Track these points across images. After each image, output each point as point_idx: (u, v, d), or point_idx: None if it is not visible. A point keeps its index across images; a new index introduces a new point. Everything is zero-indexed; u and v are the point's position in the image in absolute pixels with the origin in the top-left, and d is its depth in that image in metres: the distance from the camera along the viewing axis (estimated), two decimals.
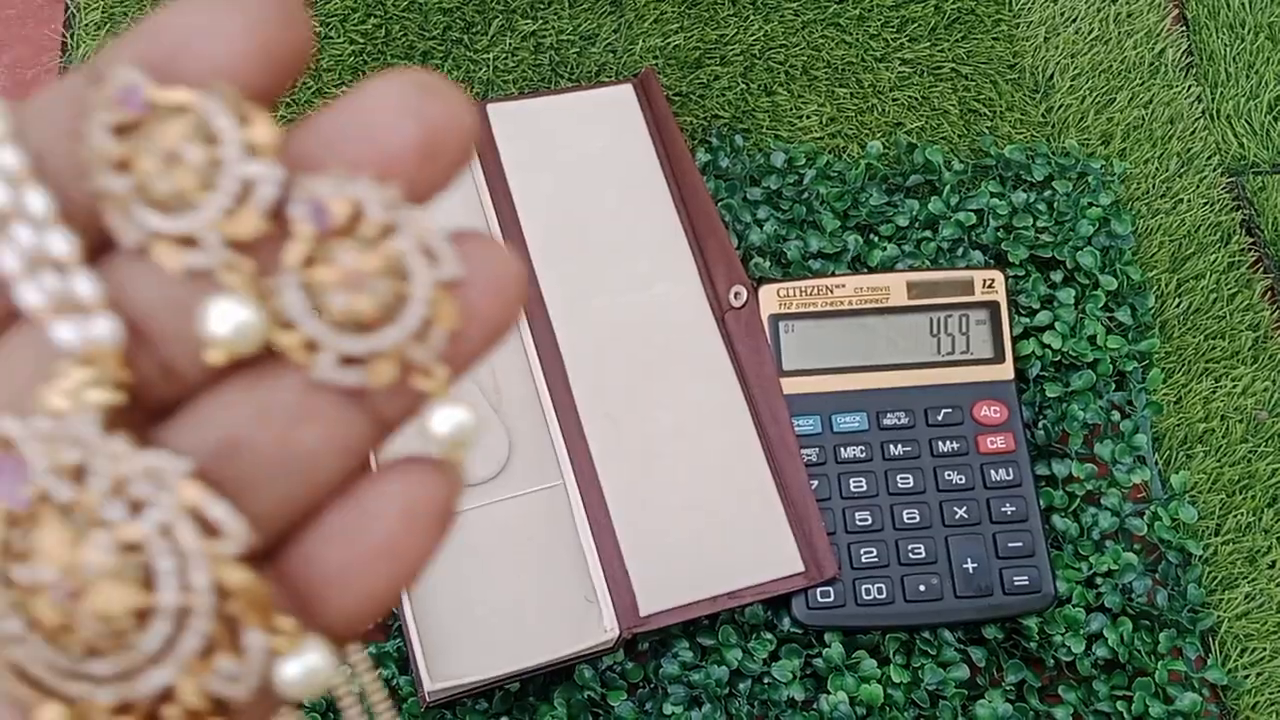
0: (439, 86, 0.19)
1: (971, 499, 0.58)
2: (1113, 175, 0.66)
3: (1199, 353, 0.63)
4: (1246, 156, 0.68)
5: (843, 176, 0.65)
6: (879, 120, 0.68)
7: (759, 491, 0.58)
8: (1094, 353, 0.61)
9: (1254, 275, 0.65)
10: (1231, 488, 0.60)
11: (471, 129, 0.19)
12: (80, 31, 0.67)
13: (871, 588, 0.56)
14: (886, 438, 0.59)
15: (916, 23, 0.70)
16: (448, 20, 0.69)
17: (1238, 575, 0.59)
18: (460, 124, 0.19)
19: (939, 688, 0.55)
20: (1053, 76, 0.69)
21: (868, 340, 0.60)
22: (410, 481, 0.20)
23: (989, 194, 0.65)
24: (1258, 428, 0.62)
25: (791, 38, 0.70)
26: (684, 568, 0.55)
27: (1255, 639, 0.57)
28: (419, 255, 0.19)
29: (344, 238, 0.19)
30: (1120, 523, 0.58)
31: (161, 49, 0.19)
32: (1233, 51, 0.71)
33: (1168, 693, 0.55)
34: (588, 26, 0.69)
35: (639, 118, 0.64)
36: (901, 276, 0.60)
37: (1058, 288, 0.63)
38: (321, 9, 0.69)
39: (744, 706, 0.55)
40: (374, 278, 0.19)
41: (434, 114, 0.19)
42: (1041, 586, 0.56)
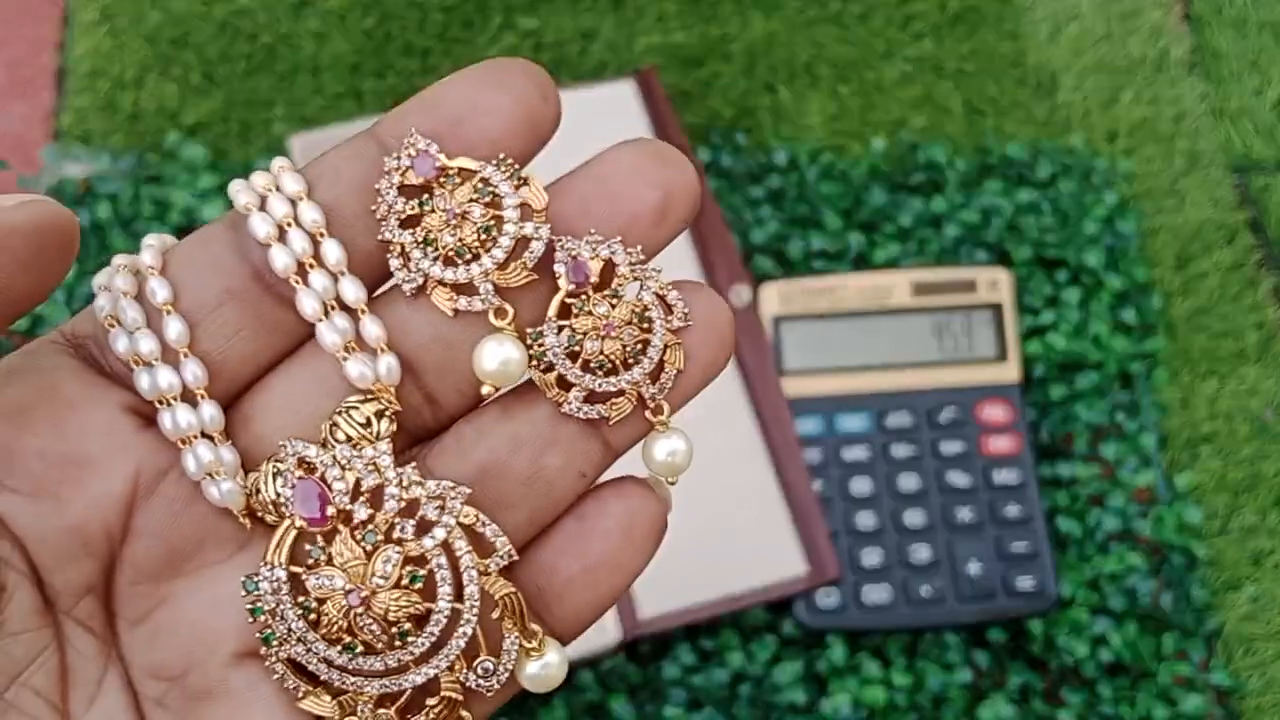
0: (672, 155, 0.22)
1: (975, 501, 0.57)
2: (1118, 174, 0.66)
3: (1205, 353, 0.63)
4: (1252, 155, 0.68)
5: (846, 175, 0.65)
6: (882, 118, 0.67)
7: (761, 493, 0.57)
8: (1099, 353, 0.61)
9: (1260, 274, 0.65)
10: (1237, 489, 0.60)
11: (697, 193, 0.22)
12: (77, 31, 0.67)
13: (874, 590, 0.56)
14: (889, 439, 0.58)
15: (920, 20, 0.70)
16: (447, 18, 0.68)
17: (1242, 577, 0.58)
18: (690, 190, 0.22)
19: (942, 691, 0.55)
20: (1057, 74, 0.69)
21: (871, 340, 0.60)
22: (629, 501, 0.23)
23: (993, 193, 0.64)
24: (1264, 428, 0.61)
25: (794, 35, 0.69)
26: (685, 570, 0.55)
27: (1260, 641, 0.57)
28: (657, 306, 0.22)
29: (597, 290, 0.22)
30: (1125, 524, 0.58)
31: (441, 120, 0.22)
32: (1238, 49, 0.70)
33: (1172, 695, 0.55)
34: (588, 24, 0.69)
35: (640, 116, 0.64)
36: (905, 276, 0.60)
37: (1062, 287, 0.62)
38: (320, 7, 0.68)
39: (745, 710, 0.54)
40: (623, 327, 0.22)
41: (669, 181, 0.22)
42: (1045, 589, 0.56)
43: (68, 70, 0.66)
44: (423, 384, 0.22)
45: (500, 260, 0.21)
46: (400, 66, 0.67)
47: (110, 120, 0.65)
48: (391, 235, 0.21)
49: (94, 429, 0.21)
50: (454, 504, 0.21)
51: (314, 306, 0.21)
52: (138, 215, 0.61)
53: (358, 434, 0.21)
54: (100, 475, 0.21)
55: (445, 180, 0.21)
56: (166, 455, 0.22)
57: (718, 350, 0.23)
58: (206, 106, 0.65)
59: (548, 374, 0.22)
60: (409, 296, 0.22)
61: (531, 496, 0.22)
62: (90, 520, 0.21)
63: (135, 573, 0.22)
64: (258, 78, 0.66)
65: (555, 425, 0.22)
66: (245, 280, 0.22)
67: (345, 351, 0.21)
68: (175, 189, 0.61)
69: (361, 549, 0.21)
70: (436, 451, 0.22)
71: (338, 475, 0.21)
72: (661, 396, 0.22)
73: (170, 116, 0.65)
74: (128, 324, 0.21)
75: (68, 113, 0.65)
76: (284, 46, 0.67)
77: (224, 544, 0.22)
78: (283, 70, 0.66)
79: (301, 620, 0.21)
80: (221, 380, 0.22)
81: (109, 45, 0.66)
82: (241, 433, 0.22)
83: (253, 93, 0.66)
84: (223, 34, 0.67)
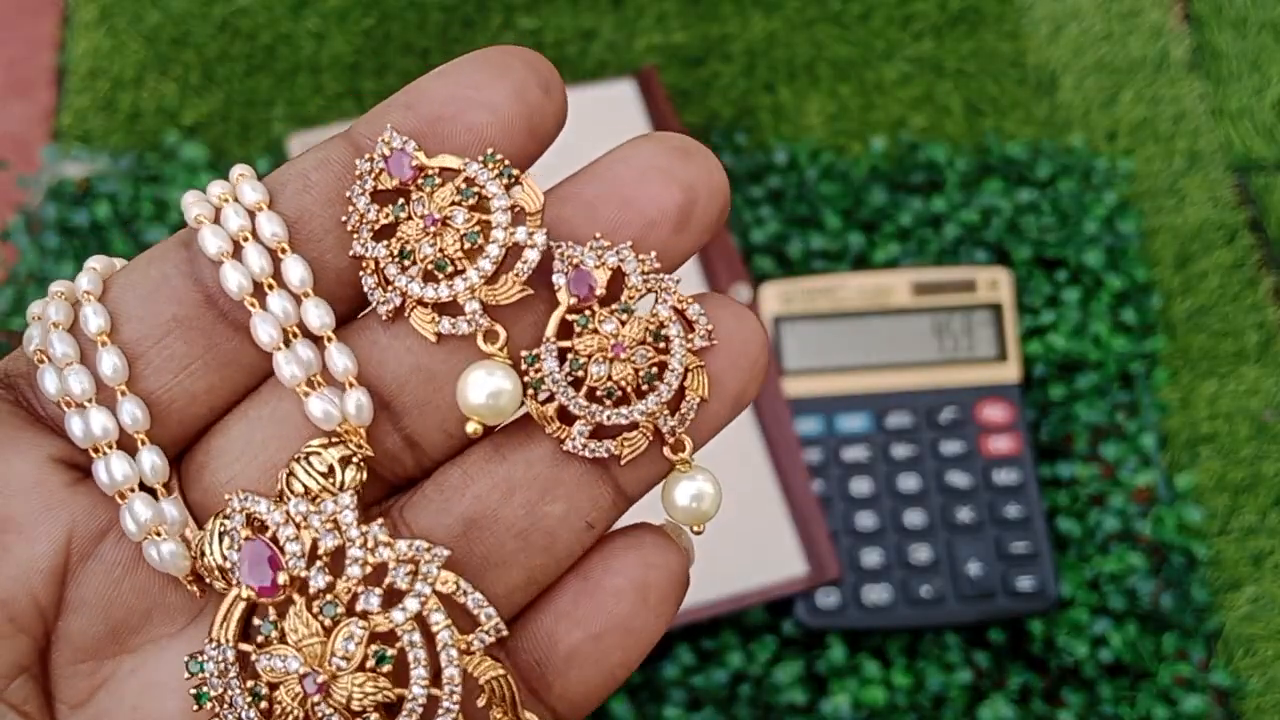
0: (696, 150, 0.18)
1: (975, 501, 0.57)
2: (1118, 174, 0.66)
3: (1205, 353, 0.63)
4: (1252, 154, 0.68)
5: (845, 175, 0.65)
6: (882, 118, 0.67)
7: (761, 493, 0.57)
8: (1099, 353, 0.61)
9: (1260, 274, 0.65)
10: (1237, 489, 0.60)
11: (727, 193, 0.19)
12: (77, 30, 0.67)
13: (874, 590, 0.56)
14: (889, 439, 0.58)
15: (920, 20, 0.70)
16: (447, 18, 0.68)
17: (1243, 577, 0.58)
18: (718, 189, 0.19)
19: (942, 691, 0.55)
20: (1057, 74, 0.69)
21: (871, 340, 0.60)
22: (644, 553, 0.19)
23: (993, 193, 0.64)
24: (1264, 428, 0.61)
25: (794, 35, 0.69)
26: None
27: (1260, 641, 0.57)
28: (676, 322, 0.18)
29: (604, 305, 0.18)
30: (1125, 525, 0.58)
31: (425, 117, 0.18)
32: (1238, 49, 0.70)
33: (1172, 696, 0.55)
34: (588, 24, 0.69)
35: (640, 115, 0.64)
36: (905, 276, 0.60)
37: (1062, 287, 0.62)
38: (320, 7, 0.68)
39: (745, 710, 0.54)
40: (635, 347, 0.18)
41: (692, 179, 0.18)
42: (1045, 589, 0.56)
43: (67, 70, 0.66)
44: (401, 424, 0.19)
45: (488, 273, 0.18)
46: (400, 66, 0.67)
47: (110, 120, 0.65)
48: (364, 249, 0.18)
49: (17, 485, 0.18)
50: (429, 568, 0.18)
51: (271, 334, 0.18)
52: (137, 215, 0.61)
53: (317, 485, 0.18)
54: (25, 540, 0.18)
55: (424, 182, 0.18)
56: (105, 513, 0.19)
57: (748, 375, 0.19)
58: (206, 106, 0.65)
59: (547, 405, 0.18)
60: (385, 321, 0.19)
61: (528, 552, 0.19)
62: (15, 592, 0.18)
63: (74, 650, 0.19)
64: (257, 77, 0.66)
65: (556, 466, 0.19)
66: (196, 306, 0.19)
67: (308, 386, 0.18)
68: (175, 189, 0.61)
69: (319, 624, 0.18)
70: (415, 501, 0.19)
71: (291, 535, 0.18)
72: (683, 430, 0.19)
73: (170, 116, 0.65)
74: (57, 359, 0.18)
75: (67, 112, 0.65)
76: (283, 46, 0.67)
77: (174, 614, 0.19)
78: (282, 70, 0.66)
79: (253, 709, 0.18)
80: (169, 424, 0.19)
81: (108, 45, 0.66)
82: (193, 485, 0.19)
83: (252, 92, 0.66)
84: (222, 33, 0.67)
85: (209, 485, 0.19)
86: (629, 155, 0.19)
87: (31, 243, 0.60)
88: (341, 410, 0.18)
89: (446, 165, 0.18)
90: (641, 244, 0.18)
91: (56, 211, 0.61)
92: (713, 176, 0.18)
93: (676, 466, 0.19)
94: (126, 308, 0.19)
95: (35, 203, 0.62)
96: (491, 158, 0.18)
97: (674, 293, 0.19)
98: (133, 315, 0.19)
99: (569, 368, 0.18)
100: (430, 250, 0.18)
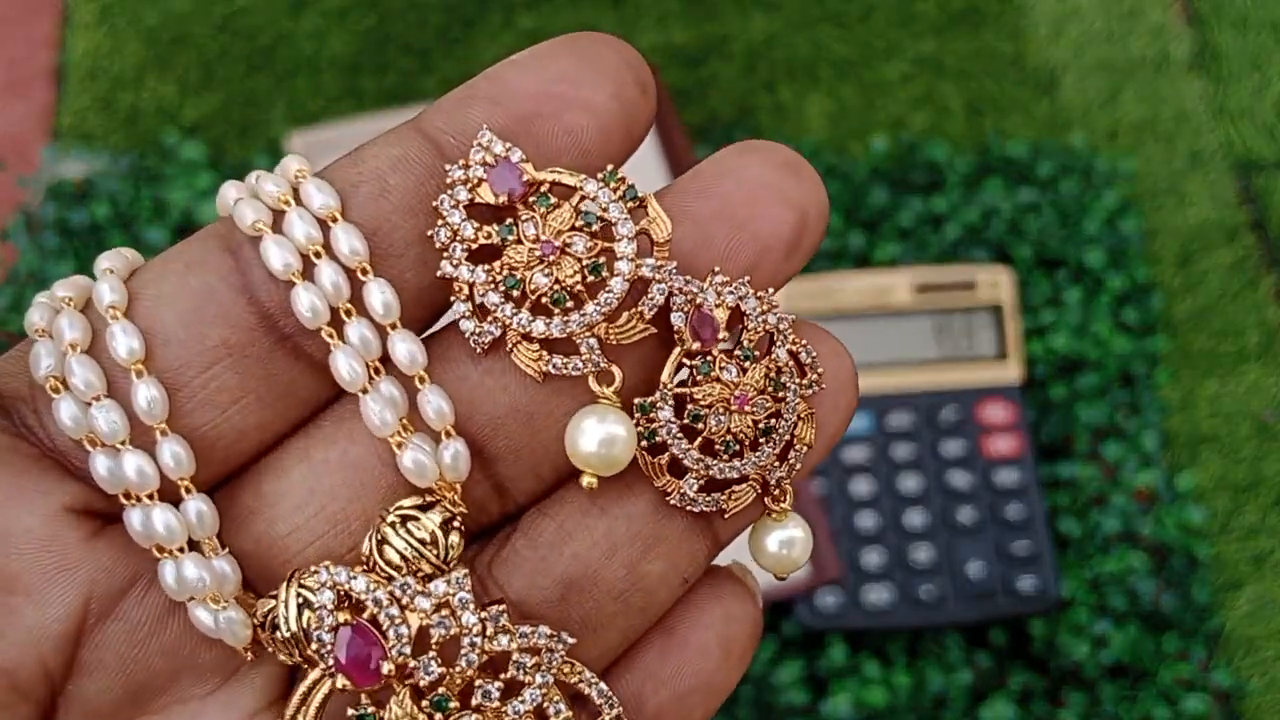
0: (804, 167, 0.17)
1: (976, 502, 0.57)
2: (1118, 173, 0.66)
3: (1206, 352, 0.63)
4: (1253, 154, 0.68)
5: (846, 175, 0.64)
6: (883, 117, 0.67)
7: None
8: (1100, 353, 0.61)
9: (1261, 273, 0.64)
10: (1238, 489, 0.60)
11: (829, 214, 0.17)
12: (76, 30, 0.67)
13: (875, 591, 0.56)
14: (890, 439, 0.58)
15: (921, 20, 0.70)
16: (447, 18, 0.68)
17: (1243, 577, 0.58)
18: (825, 210, 0.17)
19: (943, 691, 0.55)
20: (1058, 74, 0.69)
21: (871, 340, 0.59)
22: (727, 605, 0.18)
23: (994, 192, 0.64)
24: (1265, 428, 0.61)
25: (795, 34, 0.69)
26: None
27: (1261, 641, 0.57)
28: (790, 369, 0.17)
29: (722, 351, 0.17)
30: (1126, 525, 0.58)
31: (514, 115, 0.16)
32: (1239, 48, 0.70)
33: (1173, 696, 0.55)
34: (589, 23, 0.69)
35: None
36: (905, 276, 0.60)
37: (1063, 287, 0.62)
38: (320, 6, 0.68)
39: (746, 711, 0.54)
40: (756, 397, 0.17)
41: (804, 200, 0.17)
42: (1046, 589, 0.55)
43: (66, 69, 0.66)
44: (493, 471, 0.17)
45: (611, 309, 0.16)
46: (399, 65, 0.66)
47: (109, 119, 0.65)
48: (457, 272, 0.16)
49: (27, 542, 0.16)
50: (553, 659, 0.16)
51: (356, 370, 0.16)
52: (137, 215, 0.61)
53: (415, 555, 0.16)
54: (35, 603, 0.16)
55: (536, 201, 0.16)
56: (129, 567, 0.16)
57: (845, 417, 0.18)
58: (205, 105, 0.65)
59: (657, 457, 0.17)
60: (478, 355, 0.16)
61: (626, 614, 0.17)
62: (23, 659, 0.16)
63: (84, 715, 0.16)
64: (257, 77, 0.66)
65: (659, 522, 0.17)
66: (250, 329, 0.16)
67: (399, 436, 0.16)
68: (174, 189, 0.61)
69: (426, 716, 0.16)
70: (506, 558, 0.17)
71: (396, 618, 0.16)
72: (789, 481, 0.18)
73: (169, 116, 0.65)
74: (79, 390, 0.15)
75: (66, 112, 0.65)
76: (283, 46, 0.67)
77: (205, 675, 0.17)
78: (282, 69, 0.66)
79: None
80: (210, 464, 0.16)
81: (108, 44, 0.66)
82: (239, 533, 0.17)
83: (252, 92, 0.66)
84: (222, 33, 0.67)
85: (261, 536, 0.17)
86: (736, 170, 0.17)
87: (31, 242, 0.60)
88: (437, 463, 0.16)
89: (561, 181, 0.16)
90: (755, 271, 0.17)
91: (56, 211, 0.61)
92: (821, 195, 0.17)
93: (772, 515, 0.18)
94: (164, 327, 0.16)
95: (35, 202, 0.62)
96: (613, 175, 0.16)
97: (790, 335, 0.17)
98: (172, 337, 0.16)
99: (687, 418, 0.17)
100: (544, 280, 0.16)
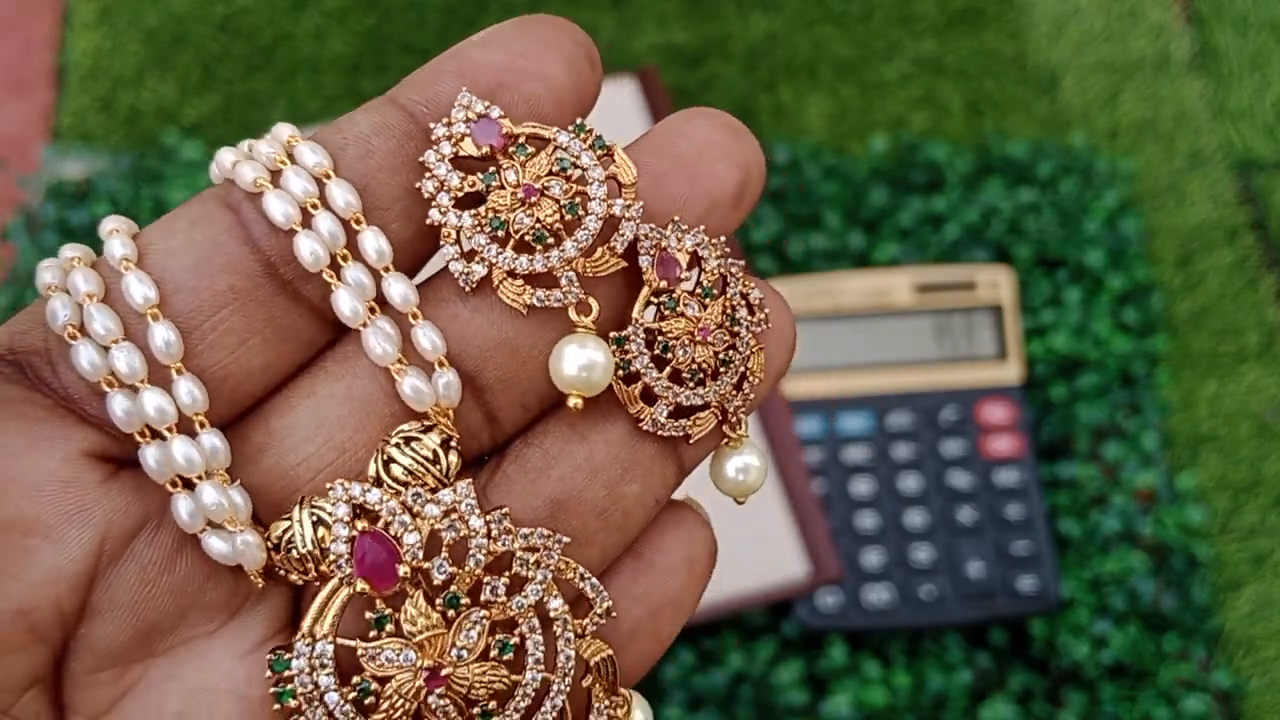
0: (744, 129, 0.19)
1: (976, 502, 0.57)
2: (1119, 173, 0.66)
3: (1206, 352, 0.63)
4: (1253, 154, 0.68)
5: (846, 175, 0.64)
6: (882, 118, 0.67)
7: (761, 494, 0.57)
8: (1100, 353, 0.61)
9: (1261, 273, 0.64)
10: (1238, 489, 0.60)
11: (765, 170, 0.20)
12: (76, 30, 0.67)
13: (875, 591, 0.56)
14: (890, 440, 0.58)
15: (921, 19, 0.70)
16: (447, 18, 0.68)
17: (1244, 577, 0.58)
18: (763, 168, 0.19)
19: (943, 692, 0.55)
20: (1058, 74, 0.69)
21: (871, 340, 0.59)
22: (688, 530, 0.20)
23: (994, 192, 0.64)
24: (1265, 428, 0.61)
25: (795, 34, 0.69)
26: None
27: (1261, 641, 0.57)
28: (742, 306, 0.19)
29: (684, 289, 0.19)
30: (1126, 525, 0.58)
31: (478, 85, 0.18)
32: (1239, 48, 0.70)
33: (1173, 696, 0.55)
34: (589, 23, 0.69)
35: (641, 114, 0.64)
36: (905, 276, 0.60)
37: (1063, 287, 0.62)
38: (320, 6, 0.68)
39: (746, 711, 0.54)
40: (716, 331, 0.19)
41: (746, 158, 0.19)
42: (1047, 590, 0.55)
43: (66, 69, 0.66)
44: (484, 400, 0.18)
45: (587, 245, 0.18)
46: (400, 66, 0.66)
47: (109, 119, 0.65)
48: (445, 219, 0.18)
49: (45, 486, 0.17)
50: (551, 555, 0.18)
51: (355, 308, 0.18)
52: (137, 215, 0.61)
53: (420, 469, 0.18)
54: (54, 544, 0.17)
55: (515, 150, 0.18)
56: (140, 508, 0.17)
57: (786, 355, 0.20)
58: (205, 105, 0.65)
59: (630, 385, 0.19)
60: (466, 293, 0.18)
61: (607, 531, 0.19)
62: (39, 601, 0.16)
63: (95, 657, 0.17)
64: (257, 77, 0.66)
65: (633, 446, 0.19)
66: (254, 275, 0.18)
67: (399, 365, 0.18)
68: (174, 188, 0.61)
69: (440, 614, 0.17)
70: (498, 482, 0.19)
71: (408, 525, 0.17)
72: (744, 408, 0.20)
73: (169, 116, 0.65)
74: (98, 335, 0.17)
75: (66, 112, 0.65)
76: (283, 46, 0.67)
77: (212, 612, 0.18)
78: (282, 69, 0.66)
79: (350, 705, 0.17)
80: (219, 404, 0.18)
81: (107, 44, 0.66)
82: (249, 468, 0.18)
83: (251, 92, 0.66)
84: (221, 33, 0.67)
85: (271, 469, 0.18)
86: (687, 130, 0.19)
87: (31, 242, 0.60)
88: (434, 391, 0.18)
89: (536, 133, 0.18)
90: (705, 220, 0.19)
91: (56, 211, 0.61)
92: (759, 155, 0.19)
93: (730, 443, 0.20)
94: (174, 277, 0.17)
95: (34, 202, 0.62)
96: (582, 128, 0.18)
97: (741, 278, 0.19)
98: (183, 286, 0.17)
99: (657, 349, 0.19)
100: (527, 221, 0.18)
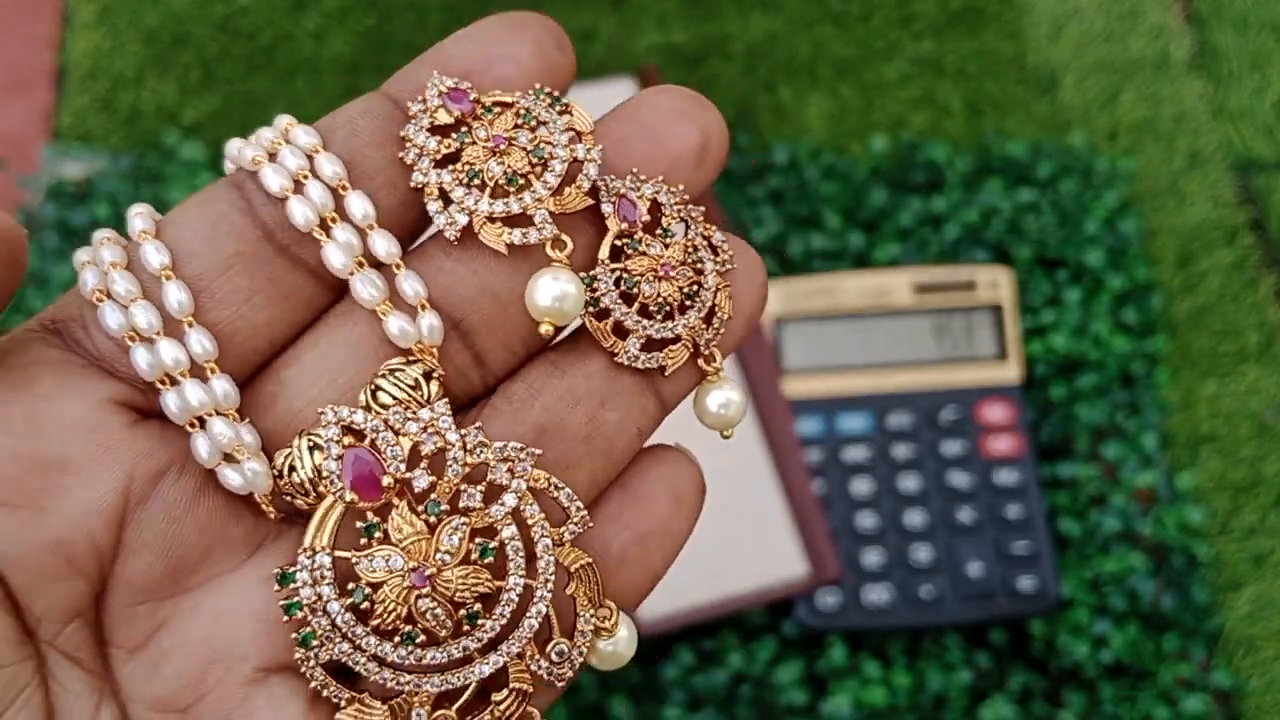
0: (704, 99, 0.21)
1: (976, 501, 0.57)
2: (1118, 173, 0.66)
3: (1206, 352, 0.63)
4: (1253, 154, 0.68)
5: (846, 175, 0.64)
6: (882, 118, 0.67)
7: (761, 494, 0.57)
8: (1100, 353, 0.61)
9: (1261, 274, 0.64)
10: (1238, 489, 0.60)
11: (727, 136, 0.21)
12: (76, 30, 0.67)
13: (875, 591, 0.56)
14: (890, 439, 0.58)
15: (920, 20, 0.70)
16: (447, 18, 0.68)
17: (1244, 577, 0.58)
18: (724, 132, 0.21)
19: (943, 692, 0.55)
20: (1058, 74, 0.69)
21: (871, 340, 0.59)
22: (672, 465, 0.22)
23: (993, 192, 0.64)
24: (1265, 428, 0.61)
25: (794, 35, 0.69)
26: (685, 571, 0.55)
27: (1261, 641, 0.57)
28: (705, 248, 0.21)
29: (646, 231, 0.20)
30: (1126, 525, 0.58)
31: (455, 72, 0.20)
32: (1239, 48, 0.70)
33: (1173, 696, 0.55)
34: (589, 23, 0.69)
35: None
36: (905, 276, 0.60)
37: (1063, 287, 0.62)
38: (320, 6, 0.68)
39: (746, 711, 0.54)
40: (678, 267, 0.20)
41: (706, 121, 0.21)
42: (1046, 589, 0.55)
43: (66, 69, 0.66)
44: (470, 343, 0.20)
45: (554, 185, 0.20)
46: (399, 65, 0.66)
47: (109, 119, 0.65)
48: (427, 178, 0.20)
49: (76, 427, 0.18)
50: (524, 466, 0.19)
51: (344, 260, 0.19)
52: None
53: (406, 397, 0.19)
54: (85, 481, 0.18)
55: (483, 113, 0.20)
56: (164, 453, 0.19)
57: (758, 299, 0.21)
58: (205, 105, 0.65)
59: (602, 321, 0.20)
60: (452, 244, 0.20)
61: (592, 456, 0.20)
62: (74, 534, 0.18)
63: (132, 593, 0.19)
64: (257, 77, 0.66)
65: (611, 378, 0.20)
66: (256, 241, 0.19)
67: (385, 306, 0.19)
68: (174, 188, 0.61)
69: (423, 522, 0.19)
70: (487, 414, 0.20)
71: (391, 440, 0.19)
72: (715, 343, 0.21)
73: (169, 116, 0.65)
74: (120, 296, 0.19)
75: (66, 112, 0.65)
76: (283, 46, 0.67)
77: (235, 549, 0.19)
78: (282, 69, 0.66)
79: (349, 613, 0.18)
80: (230, 356, 0.19)
81: (108, 44, 0.66)
82: (264, 414, 0.20)
83: (252, 92, 0.66)
84: (222, 33, 0.67)
85: (282, 412, 0.20)
86: (652, 101, 0.21)
87: (31, 242, 0.60)
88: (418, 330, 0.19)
89: (500, 100, 0.20)
90: (669, 177, 0.21)
91: (56, 211, 0.61)
92: (721, 122, 0.21)
93: (708, 378, 0.21)
94: (186, 245, 0.19)
95: (35, 202, 0.62)
96: (540, 91, 0.20)
97: (700, 222, 0.21)
98: (194, 252, 0.19)
99: (624, 286, 0.20)
100: (498, 169, 0.20)
